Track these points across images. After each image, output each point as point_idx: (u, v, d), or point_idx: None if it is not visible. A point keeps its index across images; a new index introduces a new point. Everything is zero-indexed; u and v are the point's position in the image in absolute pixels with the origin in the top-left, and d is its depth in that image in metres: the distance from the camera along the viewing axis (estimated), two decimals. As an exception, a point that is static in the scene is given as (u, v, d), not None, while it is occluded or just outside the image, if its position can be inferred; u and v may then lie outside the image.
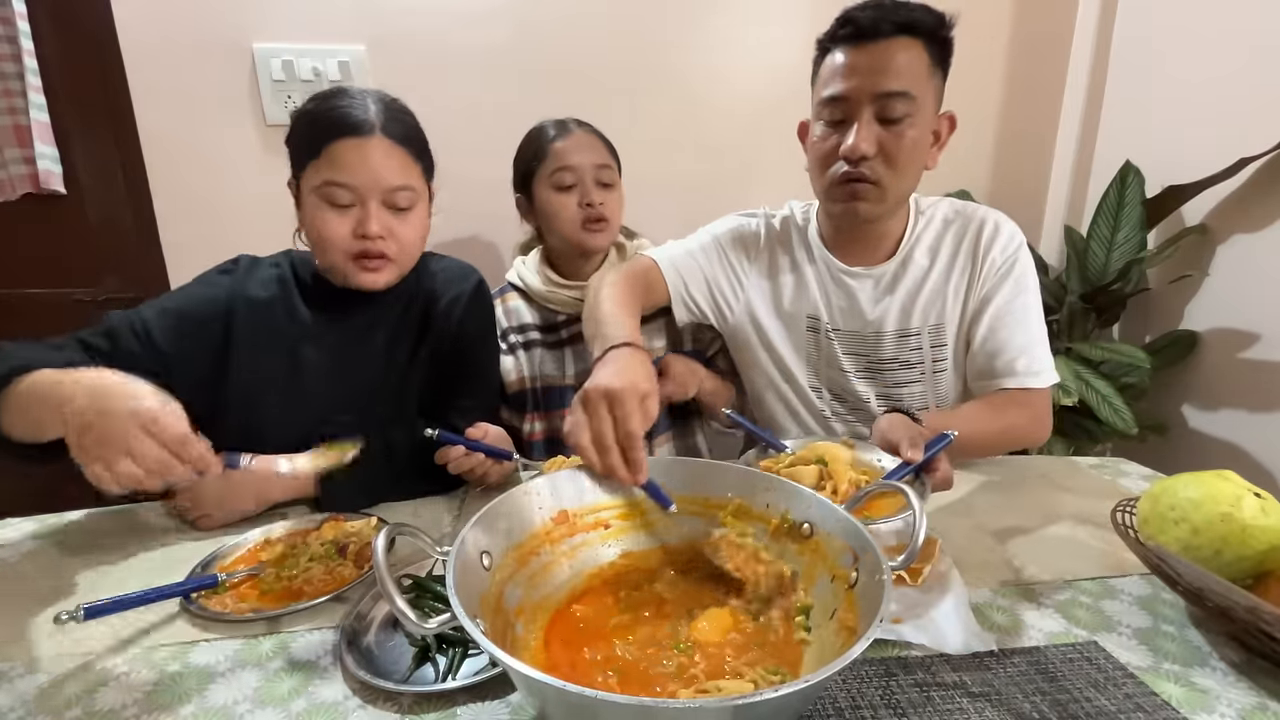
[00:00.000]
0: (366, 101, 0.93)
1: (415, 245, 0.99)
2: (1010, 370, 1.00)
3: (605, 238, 1.18)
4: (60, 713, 0.57)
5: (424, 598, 0.70)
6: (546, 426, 1.22)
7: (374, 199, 0.92)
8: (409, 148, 0.94)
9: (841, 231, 1.09)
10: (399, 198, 0.93)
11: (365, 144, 0.90)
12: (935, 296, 1.06)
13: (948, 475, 0.78)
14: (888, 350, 1.08)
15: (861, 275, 1.08)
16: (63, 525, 0.90)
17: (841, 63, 0.95)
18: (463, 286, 1.09)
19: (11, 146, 1.47)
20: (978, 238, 1.04)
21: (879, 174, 0.96)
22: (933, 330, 1.06)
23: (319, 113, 0.93)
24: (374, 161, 0.90)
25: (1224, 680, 0.61)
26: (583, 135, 1.17)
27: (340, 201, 0.91)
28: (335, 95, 0.94)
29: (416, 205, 0.96)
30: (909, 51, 0.92)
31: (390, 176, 0.92)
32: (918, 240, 1.07)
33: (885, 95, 0.92)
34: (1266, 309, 1.49)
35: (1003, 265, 1.03)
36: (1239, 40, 1.50)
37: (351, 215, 0.92)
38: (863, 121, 0.94)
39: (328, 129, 0.91)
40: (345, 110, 0.91)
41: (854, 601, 0.55)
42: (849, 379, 1.10)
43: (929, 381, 1.09)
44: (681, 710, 0.40)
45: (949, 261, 1.05)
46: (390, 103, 0.96)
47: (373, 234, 0.91)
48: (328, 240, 0.93)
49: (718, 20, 1.67)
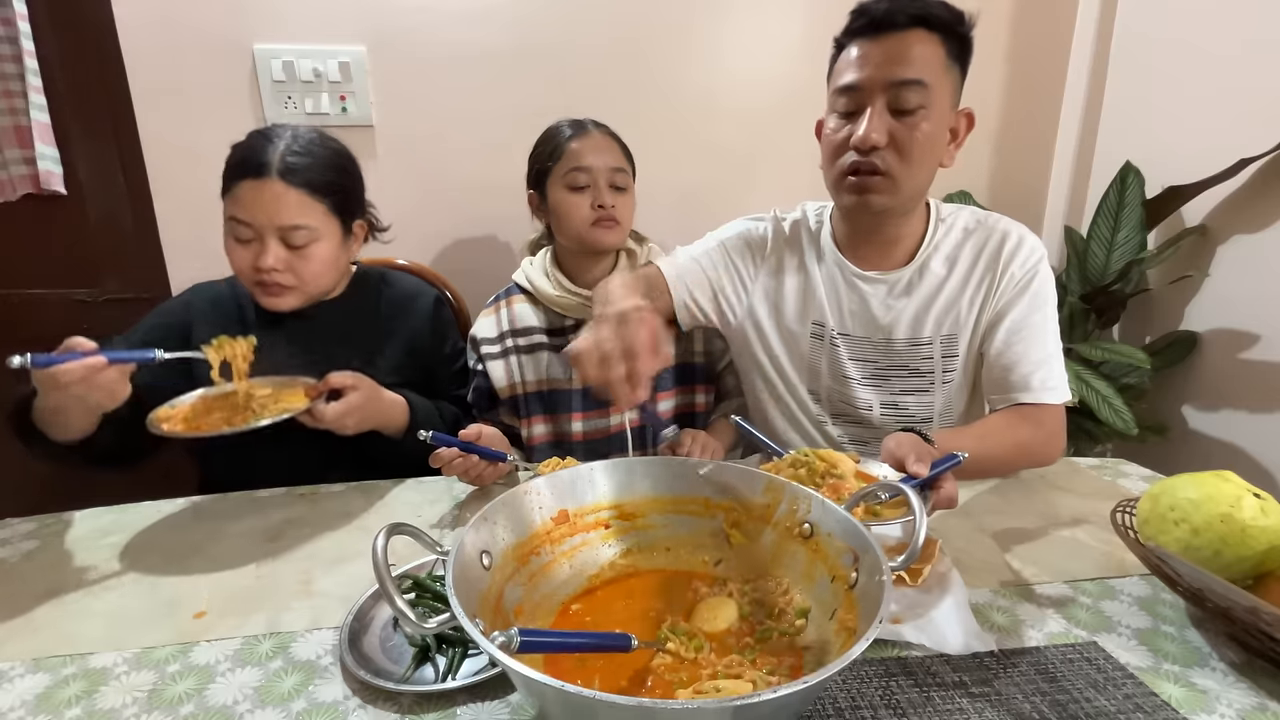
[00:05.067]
0: (278, 144, 1.00)
1: (319, 275, 1.06)
2: (1025, 385, 0.98)
3: (615, 237, 1.18)
4: (60, 713, 0.58)
5: (424, 598, 0.70)
6: (552, 430, 1.22)
7: (270, 235, 0.99)
8: (308, 189, 1.00)
9: (856, 232, 1.06)
10: (294, 236, 1.00)
11: (261, 186, 0.98)
12: (950, 306, 1.03)
13: (952, 494, 0.76)
14: (897, 357, 1.06)
15: (875, 280, 1.05)
16: (63, 525, 0.90)
17: (856, 54, 0.93)
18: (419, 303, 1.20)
19: (12, 147, 1.47)
20: (998, 250, 1.02)
21: (890, 165, 0.93)
22: (945, 340, 1.04)
23: (234, 152, 1.02)
24: (268, 202, 0.98)
25: (1224, 680, 0.61)
26: (599, 137, 1.17)
27: (243, 236, 1.00)
28: (256, 136, 1.02)
29: (318, 240, 1.03)
30: (924, 44, 0.91)
31: (283, 217, 0.99)
32: (936, 248, 1.05)
33: (898, 84, 0.90)
34: (1266, 309, 1.49)
35: (1022, 279, 1.01)
36: (1239, 40, 1.49)
37: (252, 248, 1.00)
38: (874, 111, 0.92)
39: (234, 169, 1.00)
40: (252, 152, 0.99)
41: (854, 602, 0.55)
42: (852, 385, 1.08)
43: (937, 391, 1.07)
44: (681, 710, 0.40)
45: (967, 272, 1.03)
46: (306, 146, 1.02)
47: (266, 267, 0.99)
48: (235, 268, 1.03)
49: (719, 21, 1.66)
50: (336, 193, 1.05)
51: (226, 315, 1.10)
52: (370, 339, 1.13)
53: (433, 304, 1.21)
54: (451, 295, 1.49)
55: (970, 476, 0.93)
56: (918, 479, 0.73)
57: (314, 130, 1.06)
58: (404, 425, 1.04)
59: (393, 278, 1.23)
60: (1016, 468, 1.02)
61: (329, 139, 1.07)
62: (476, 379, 1.21)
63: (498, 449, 0.95)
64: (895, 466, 0.78)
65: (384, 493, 0.99)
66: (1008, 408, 1.00)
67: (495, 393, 1.21)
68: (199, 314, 1.10)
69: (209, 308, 1.11)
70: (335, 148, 1.07)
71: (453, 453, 0.90)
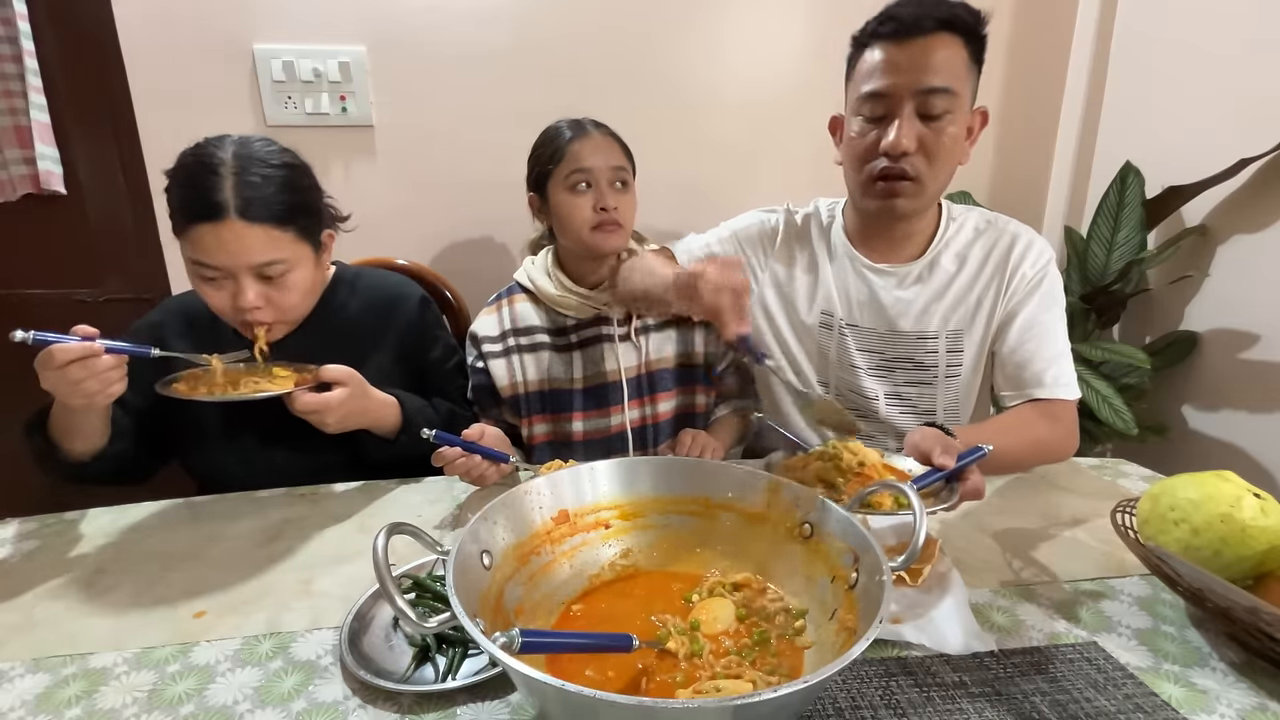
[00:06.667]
0: (224, 175, 0.89)
1: (299, 305, 1.01)
2: (1039, 381, 1.01)
3: (617, 240, 1.17)
4: (60, 713, 0.58)
5: (424, 598, 0.70)
6: (552, 430, 1.22)
7: (243, 274, 0.92)
8: (273, 222, 0.92)
9: (870, 227, 1.09)
10: (268, 270, 0.93)
11: (220, 229, 0.88)
12: (958, 303, 1.06)
13: (979, 485, 0.76)
14: (903, 349, 1.08)
15: (885, 271, 1.08)
16: (63, 525, 0.90)
17: (882, 59, 0.94)
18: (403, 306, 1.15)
19: (12, 147, 1.47)
20: (1009, 250, 1.05)
21: (919, 170, 0.96)
22: (951, 336, 1.06)
23: (179, 190, 0.91)
24: (231, 245, 0.89)
25: (1224, 680, 0.61)
26: (599, 137, 1.15)
27: (211, 277, 0.92)
28: (198, 168, 0.90)
29: (294, 269, 0.96)
30: (950, 48, 0.92)
31: (252, 256, 0.91)
32: (947, 244, 1.07)
33: (927, 91, 0.92)
34: (1266, 309, 1.49)
35: (1034, 278, 1.03)
36: (1239, 40, 1.49)
37: (225, 288, 0.93)
38: (904, 117, 0.93)
39: (184, 210, 0.90)
40: (199, 191, 0.89)
41: (854, 602, 0.55)
42: (859, 375, 1.10)
43: (940, 385, 1.09)
44: (681, 710, 0.40)
45: (976, 270, 1.06)
46: (256, 171, 0.91)
47: (248, 307, 0.93)
48: (214, 309, 0.95)
49: (720, 18, 1.66)
50: (300, 213, 0.96)
51: (202, 334, 1.04)
52: (352, 348, 1.07)
53: (417, 306, 1.17)
54: (451, 295, 1.49)
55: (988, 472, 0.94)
56: (944, 471, 0.73)
57: (254, 143, 0.94)
58: (396, 426, 1.02)
59: (370, 280, 1.16)
60: (1033, 463, 1.03)
61: (273, 151, 0.96)
62: (477, 377, 1.21)
63: (500, 450, 0.95)
64: (920, 460, 0.78)
65: (384, 493, 0.99)
66: (1023, 404, 1.02)
67: (497, 390, 1.20)
68: (173, 333, 1.05)
69: (185, 328, 1.06)
70: (286, 160, 0.97)
71: (455, 452, 0.90)
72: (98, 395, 0.81)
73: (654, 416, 1.23)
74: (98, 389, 0.80)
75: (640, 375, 1.22)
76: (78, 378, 0.78)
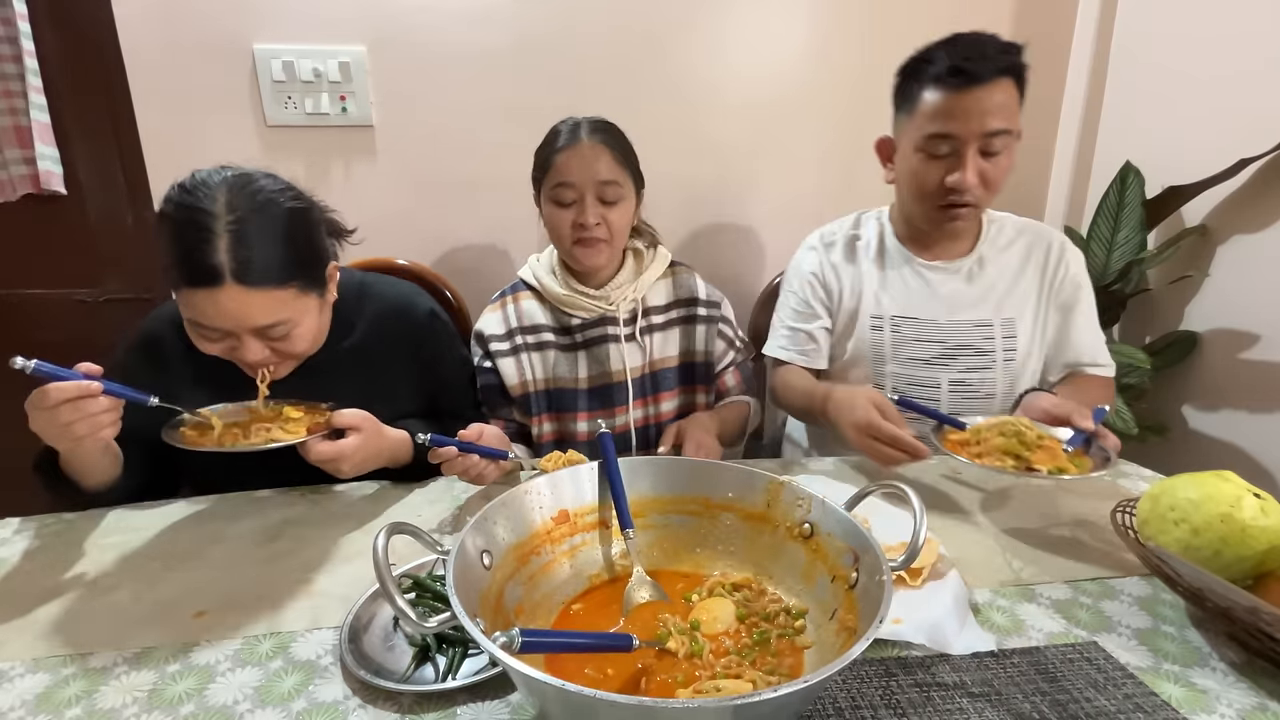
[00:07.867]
0: (218, 233, 0.81)
1: (309, 349, 0.95)
2: (1095, 360, 1.19)
3: (597, 257, 1.14)
4: (60, 713, 0.58)
5: (424, 598, 0.70)
6: (557, 428, 1.21)
7: (244, 334, 0.87)
8: (274, 284, 0.85)
9: (925, 232, 1.21)
10: (272, 331, 0.87)
11: (217, 295, 0.81)
12: (1008, 293, 1.19)
13: (1118, 441, 0.90)
14: (964, 337, 1.19)
15: (941, 268, 1.20)
16: (63, 525, 0.90)
17: (946, 103, 1.05)
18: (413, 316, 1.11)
19: (12, 147, 1.47)
20: (1048, 250, 1.20)
21: (979, 197, 1.09)
22: (1005, 322, 1.18)
23: (169, 247, 0.83)
24: (231, 310, 0.83)
25: (1224, 680, 0.61)
26: (589, 148, 1.10)
27: (212, 336, 0.87)
28: (188, 228, 0.81)
29: (301, 320, 0.90)
30: (1006, 92, 1.04)
31: (253, 319, 0.85)
32: (991, 242, 1.21)
33: (991, 134, 1.04)
34: (1266, 309, 1.49)
35: (1076, 273, 1.19)
36: (1239, 40, 1.49)
37: (228, 343, 0.88)
38: (969, 156, 1.05)
39: (179, 271, 0.82)
40: (193, 255, 0.81)
41: (854, 602, 0.55)
42: (917, 366, 1.20)
43: (999, 369, 1.19)
44: (681, 710, 0.40)
45: (1020, 266, 1.20)
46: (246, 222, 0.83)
47: (255, 363, 0.89)
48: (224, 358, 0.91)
49: (722, 17, 1.66)
50: (303, 267, 0.89)
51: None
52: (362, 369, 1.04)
53: (427, 319, 1.12)
54: (451, 295, 1.49)
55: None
56: (1086, 433, 0.89)
57: (248, 188, 0.86)
58: (409, 459, 0.99)
59: (376, 291, 1.10)
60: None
61: (271, 194, 0.87)
62: (485, 377, 1.20)
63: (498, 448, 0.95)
64: (1055, 424, 0.93)
65: (384, 493, 0.99)
66: (1079, 377, 1.19)
67: (506, 390, 1.20)
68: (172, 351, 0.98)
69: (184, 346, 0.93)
70: (285, 205, 0.88)
71: (452, 450, 0.90)
72: (85, 439, 0.76)
73: (657, 416, 1.23)
74: (85, 432, 0.76)
75: (645, 375, 1.22)
76: (67, 420, 0.74)
